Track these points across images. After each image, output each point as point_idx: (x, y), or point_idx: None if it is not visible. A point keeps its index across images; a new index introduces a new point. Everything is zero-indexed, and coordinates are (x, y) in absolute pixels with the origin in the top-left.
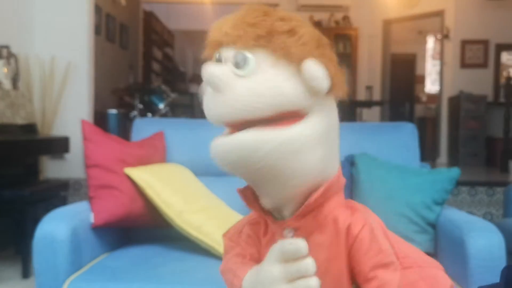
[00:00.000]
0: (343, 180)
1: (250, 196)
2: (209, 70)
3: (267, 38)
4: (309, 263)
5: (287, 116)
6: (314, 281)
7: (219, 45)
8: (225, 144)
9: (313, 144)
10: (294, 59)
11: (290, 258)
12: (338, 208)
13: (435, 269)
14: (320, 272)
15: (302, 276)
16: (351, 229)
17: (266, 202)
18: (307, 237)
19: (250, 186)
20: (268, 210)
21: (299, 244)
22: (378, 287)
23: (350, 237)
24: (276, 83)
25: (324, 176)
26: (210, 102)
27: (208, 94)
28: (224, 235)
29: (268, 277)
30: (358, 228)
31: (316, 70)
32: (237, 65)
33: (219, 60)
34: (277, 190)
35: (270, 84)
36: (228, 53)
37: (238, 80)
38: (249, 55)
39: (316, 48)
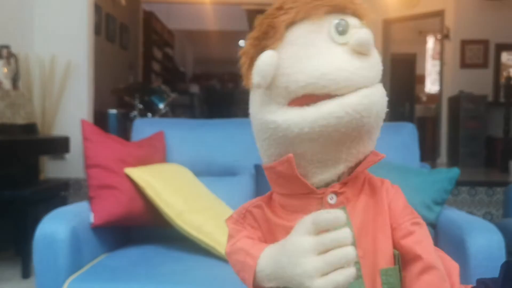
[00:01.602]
0: (377, 158)
1: (295, 169)
2: (364, 32)
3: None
4: (347, 232)
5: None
6: (351, 250)
7: (342, 10)
8: (352, 103)
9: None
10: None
11: (326, 228)
12: (369, 175)
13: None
14: (363, 233)
15: (338, 246)
16: (388, 188)
17: (321, 179)
18: (348, 202)
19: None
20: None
21: (338, 212)
22: (418, 241)
23: (389, 195)
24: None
25: (371, 147)
26: (353, 65)
27: (348, 57)
28: (228, 219)
29: (297, 249)
30: (394, 189)
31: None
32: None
33: (342, 28)
34: (353, 155)
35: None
36: (355, 22)
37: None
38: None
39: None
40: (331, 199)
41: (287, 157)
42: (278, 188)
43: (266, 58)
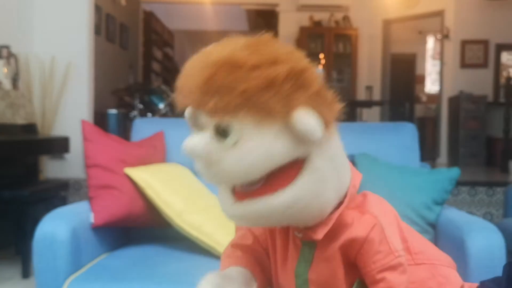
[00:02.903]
0: (357, 184)
1: None
2: (191, 145)
3: (245, 101)
4: None
5: (285, 168)
6: None
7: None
8: (240, 212)
9: (324, 184)
10: (278, 117)
11: None
12: (346, 212)
13: (447, 268)
14: (321, 271)
15: None
16: (359, 232)
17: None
18: (317, 239)
19: None
20: None
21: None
22: None
23: (359, 240)
24: (264, 147)
25: (340, 193)
26: (203, 172)
27: (198, 164)
28: None
29: None
30: (367, 230)
31: (306, 122)
32: (219, 136)
33: (195, 123)
34: (295, 225)
35: (258, 150)
36: (206, 120)
37: (224, 152)
38: (230, 124)
39: (300, 90)
40: (298, 233)
41: None
42: None
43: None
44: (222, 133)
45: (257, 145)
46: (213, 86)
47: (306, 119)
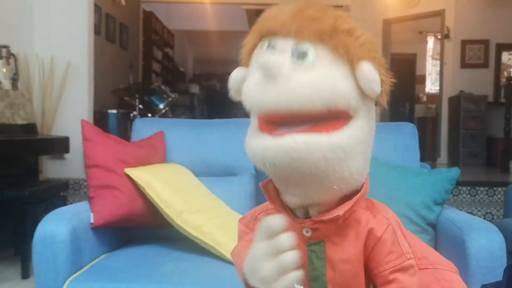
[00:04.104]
0: (367, 189)
1: (272, 191)
2: (267, 57)
3: (330, 34)
4: (284, 239)
5: (335, 116)
6: (290, 255)
7: (273, 34)
8: (275, 148)
9: (359, 148)
10: (352, 59)
11: (272, 233)
12: (359, 210)
13: (450, 273)
14: (338, 272)
15: (280, 251)
16: (373, 231)
17: (294, 201)
18: (326, 237)
19: (273, 181)
20: (288, 207)
21: (272, 221)
22: None
23: (372, 239)
24: (333, 79)
25: (357, 184)
26: (261, 89)
27: (256, 81)
28: (240, 220)
29: (255, 253)
30: (382, 230)
31: (373, 73)
32: (297, 57)
33: (272, 47)
34: (314, 194)
35: (328, 79)
36: (285, 44)
37: (296, 71)
38: (310, 48)
39: (371, 51)
40: (307, 232)
41: (260, 184)
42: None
43: (232, 74)
44: (298, 56)
45: (328, 75)
46: (303, 15)
47: (372, 71)
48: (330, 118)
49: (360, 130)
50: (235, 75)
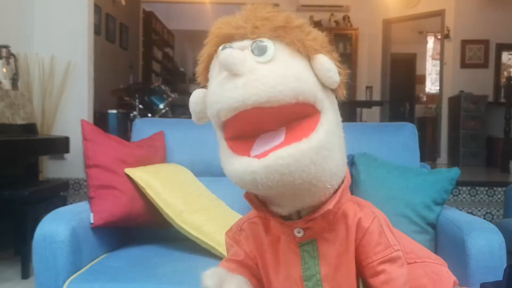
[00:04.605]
0: (350, 178)
1: (255, 200)
2: (228, 52)
3: (284, 30)
4: None
5: (305, 114)
6: None
7: (229, 39)
8: (263, 170)
9: (336, 140)
10: (309, 51)
11: None
12: (346, 204)
13: (439, 265)
14: (332, 268)
15: None
16: (361, 222)
17: (284, 211)
18: (318, 235)
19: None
20: (275, 213)
21: (205, 284)
22: (385, 281)
23: (360, 230)
24: (295, 69)
25: (342, 174)
26: (226, 85)
27: (219, 81)
28: (227, 233)
29: None
30: (368, 222)
31: (330, 63)
32: (258, 52)
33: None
34: (310, 199)
35: (291, 69)
36: (243, 44)
37: (259, 64)
38: (269, 42)
39: (324, 44)
40: (298, 232)
41: (244, 194)
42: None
43: (191, 97)
44: (259, 51)
45: (290, 66)
46: (255, 16)
47: (328, 61)
48: (301, 117)
49: (331, 123)
50: (195, 98)
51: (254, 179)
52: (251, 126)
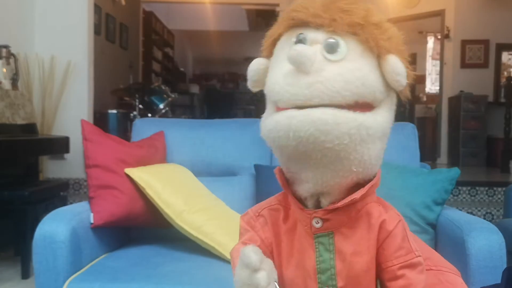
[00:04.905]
0: (379, 181)
1: (282, 177)
2: (299, 49)
3: (361, 26)
4: (260, 279)
5: (360, 106)
6: None
7: (303, 25)
8: (302, 117)
9: (379, 135)
10: (381, 52)
11: (248, 267)
12: (371, 204)
13: (454, 275)
14: (347, 264)
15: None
16: (385, 224)
17: (306, 189)
18: (336, 229)
19: (287, 168)
20: (299, 197)
21: (250, 259)
22: (404, 286)
23: (383, 232)
24: (363, 72)
25: (372, 171)
26: (290, 81)
27: (285, 72)
28: (242, 216)
29: (236, 279)
30: (393, 225)
31: (400, 66)
32: (329, 49)
33: (301, 41)
34: (331, 177)
35: (358, 73)
36: (316, 36)
37: (328, 64)
38: (341, 41)
39: (398, 45)
40: (317, 223)
41: (275, 169)
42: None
43: (251, 65)
44: (330, 49)
45: (358, 68)
46: (335, 7)
47: (399, 64)
48: (355, 106)
49: (382, 118)
50: (255, 66)
51: (289, 124)
52: None
